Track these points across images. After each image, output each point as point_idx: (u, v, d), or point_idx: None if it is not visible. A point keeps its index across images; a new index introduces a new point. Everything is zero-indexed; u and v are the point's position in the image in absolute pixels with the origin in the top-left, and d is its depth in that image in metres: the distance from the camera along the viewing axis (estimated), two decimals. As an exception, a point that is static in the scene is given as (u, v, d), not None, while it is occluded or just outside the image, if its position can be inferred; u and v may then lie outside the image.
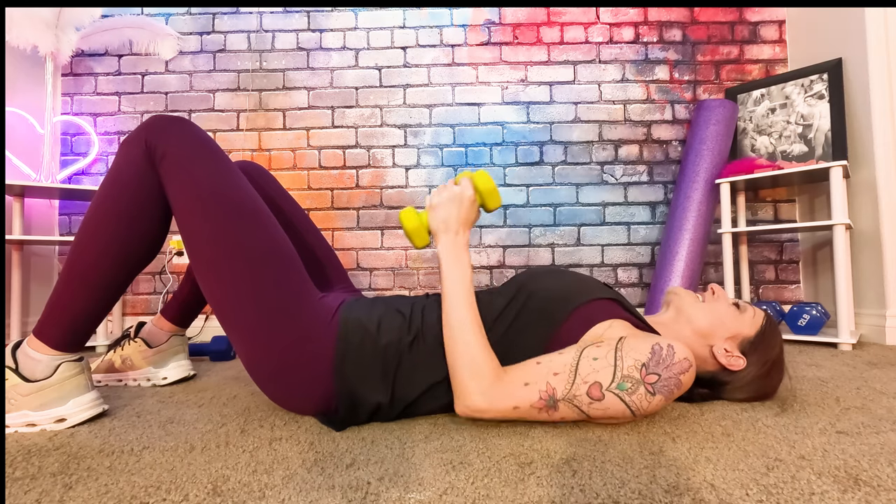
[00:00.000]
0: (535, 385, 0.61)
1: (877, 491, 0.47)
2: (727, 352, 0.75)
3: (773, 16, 1.90)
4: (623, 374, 0.60)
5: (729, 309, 0.77)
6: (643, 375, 0.60)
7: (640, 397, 0.60)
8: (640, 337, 0.64)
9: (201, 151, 0.69)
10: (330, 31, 1.93)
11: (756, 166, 1.58)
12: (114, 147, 1.90)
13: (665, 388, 0.61)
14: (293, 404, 0.71)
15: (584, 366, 0.61)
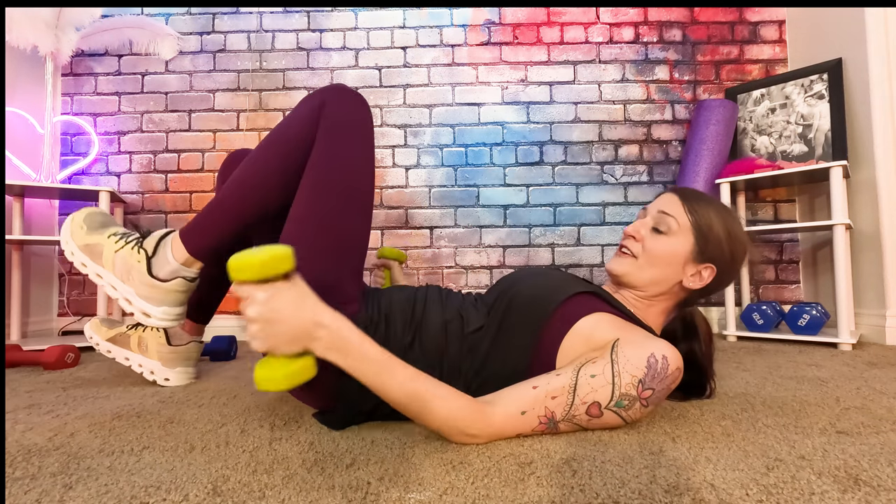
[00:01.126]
0: (533, 412, 0.60)
1: (877, 491, 0.47)
2: (694, 276, 0.73)
3: (773, 16, 1.90)
4: (621, 392, 0.60)
5: (658, 244, 0.73)
6: (640, 392, 0.60)
7: (635, 411, 0.62)
8: (634, 343, 0.62)
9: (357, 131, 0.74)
10: (330, 31, 1.93)
11: (756, 166, 1.58)
12: (114, 147, 1.90)
13: (658, 398, 0.62)
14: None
15: (583, 385, 0.60)
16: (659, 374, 0.61)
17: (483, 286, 1.86)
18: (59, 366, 1.21)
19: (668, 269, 0.73)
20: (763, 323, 1.55)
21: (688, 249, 0.72)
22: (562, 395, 0.60)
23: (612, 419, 0.62)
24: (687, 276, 0.73)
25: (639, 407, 0.61)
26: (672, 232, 0.72)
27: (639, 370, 0.60)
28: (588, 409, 0.60)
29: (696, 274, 0.73)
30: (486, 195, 1.88)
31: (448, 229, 1.88)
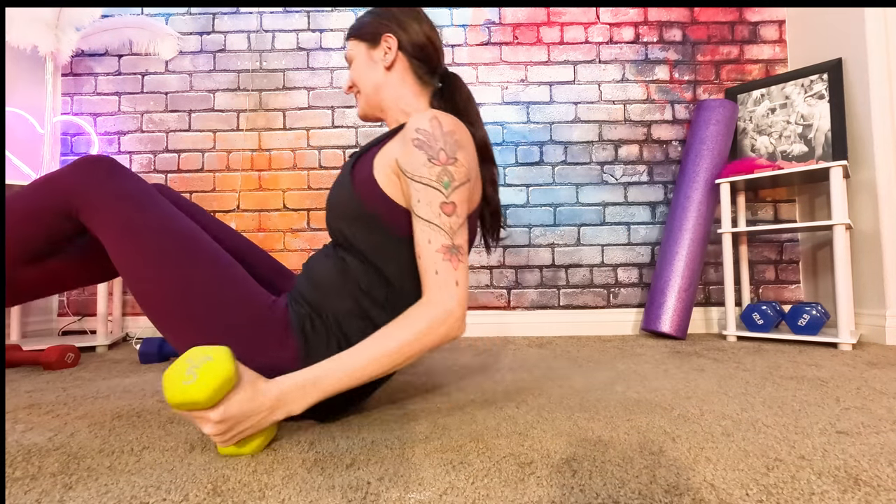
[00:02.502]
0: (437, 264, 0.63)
1: (877, 491, 0.47)
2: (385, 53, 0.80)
3: (773, 16, 1.90)
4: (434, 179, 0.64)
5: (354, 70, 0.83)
6: (439, 163, 0.64)
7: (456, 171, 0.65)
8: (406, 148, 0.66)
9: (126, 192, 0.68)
10: (330, 31, 1.93)
11: (756, 166, 1.58)
12: (114, 147, 1.90)
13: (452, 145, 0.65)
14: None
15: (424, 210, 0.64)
16: (429, 139, 0.65)
17: (483, 286, 1.86)
18: (59, 366, 1.21)
19: (368, 72, 0.81)
20: (763, 323, 1.55)
21: (363, 50, 0.82)
22: (427, 230, 0.64)
23: (460, 193, 0.65)
24: (380, 59, 0.80)
25: (453, 168, 0.65)
26: (352, 55, 0.83)
27: (420, 156, 0.65)
28: (444, 211, 0.64)
29: (383, 52, 0.80)
30: (486, 195, 1.88)
31: (448, 229, 1.87)
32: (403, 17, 0.81)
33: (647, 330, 1.65)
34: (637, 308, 1.84)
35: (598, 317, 1.82)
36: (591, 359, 1.25)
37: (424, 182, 0.64)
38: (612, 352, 1.36)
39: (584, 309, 1.84)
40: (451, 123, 0.68)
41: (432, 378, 1.04)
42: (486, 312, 1.84)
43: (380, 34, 0.80)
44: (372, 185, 0.70)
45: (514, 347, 1.48)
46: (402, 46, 0.80)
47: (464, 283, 0.64)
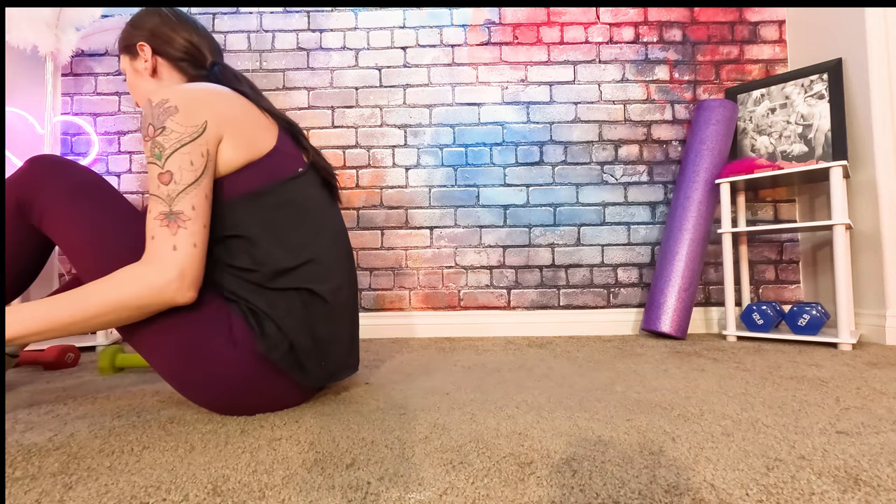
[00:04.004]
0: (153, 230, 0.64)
1: (877, 491, 0.47)
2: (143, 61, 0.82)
3: (773, 16, 1.90)
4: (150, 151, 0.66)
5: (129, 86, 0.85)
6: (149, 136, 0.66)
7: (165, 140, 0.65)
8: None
9: (75, 194, 0.70)
10: (330, 31, 1.93)
11: (756, 166, 1.58)
12: (114, 147, 1.90)
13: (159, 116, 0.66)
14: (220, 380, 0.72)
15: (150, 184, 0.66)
16: (143, 119, 0.67)
17: (483, 286, 1.86)
18: (59, 366, 1.21)
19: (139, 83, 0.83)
20: (763, 323, 1.55)
21: (127, 63, 0.84)
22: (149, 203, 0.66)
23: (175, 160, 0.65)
24: (143, 68, 0.82)
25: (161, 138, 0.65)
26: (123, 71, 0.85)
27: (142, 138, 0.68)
28: (161, 181, 0.65)
29: (140, 60, 0.82)
30: (486, 195, 1.88)
31: (448, 229, 1.88)
32: (148, 20, 0.82)
33: (647, 330, 1.65)
34: (637, 308, 1.84)
35: (598, 317, 1.82)
36: (591, 359, 1.25)
37: (147, 161, 0.67)
38: (612, 352, 1.37)
39: (584, 309, 1.84)
40: (162, 94, 0.68)
41: (432, 378, 1.04)
42: (486, 312, 1.84)
43: (134, 44, 0.82)
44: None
45: (514, 347, 1.48)
46: (157, 51, 0.82)
47: (184, 248, 0.64)
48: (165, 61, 0.82)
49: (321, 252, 0.77)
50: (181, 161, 0.65)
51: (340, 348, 0.81)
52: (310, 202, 0.77)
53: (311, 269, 0.75)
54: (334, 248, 0.80)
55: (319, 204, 0.80)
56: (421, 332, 1.83)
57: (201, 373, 0.69)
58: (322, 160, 0.84)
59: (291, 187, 0.75)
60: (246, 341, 0.70)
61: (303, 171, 0.78)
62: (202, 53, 0.85)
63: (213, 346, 0.68)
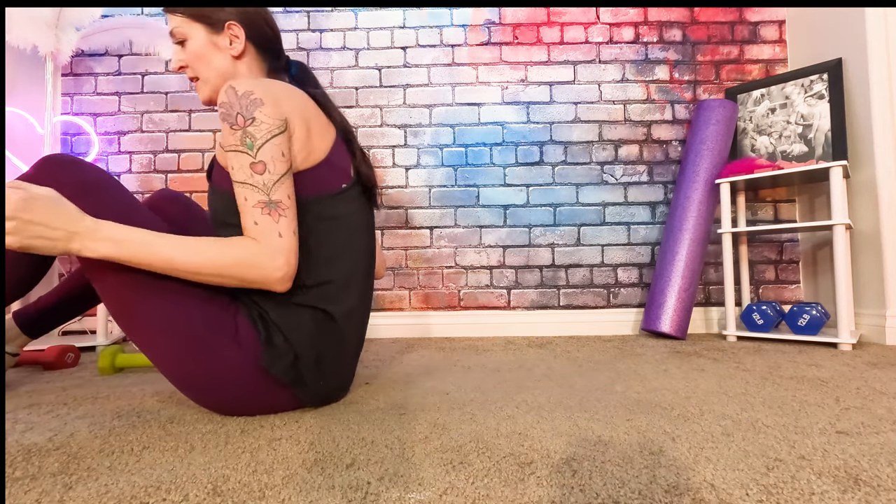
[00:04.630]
0: (256, 216, 0.65)
1: (877, 491, 0.47)
2: (231, 41, 0.79)
3: (773, 16, 1.90)
4: (236, 143, 0.66)
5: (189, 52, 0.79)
6: (236, 127, 0.66)
7: (255, 130, 0.65)
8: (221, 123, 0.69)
9: (84, 193, 0.69)
10: (330, 31, 1.93)
11: (756, 166, 1.58)
12: (114, 147, 1.90)
13: (247, 107, 0.66)
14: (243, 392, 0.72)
15: (239, 174, 0.66)
16: (226, 109, 0.66)
17: (483, 286, 1.86)
18: (59, 366, 1.21)
19: (214, 58, 0.79)
20: (763, 323, 1.55)
21: (203, 34, 0.78)
22: (245, 191, 0.66)
23: (267, 149, 0.65)
24: (225, 47, 0.79)
25: (252, 128, 0.65)
26: (185, 34, 0.78)
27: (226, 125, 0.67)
28: (255, 171, 0.65)
29: (231, 39, 0.79)
30: (486, 195, 1.88)
31: (448, 229, 1.88)
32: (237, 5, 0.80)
33: (647, 330, 1.65)
34: (637, 308, 1.84)
35: (598, 317, 1.82)
36: (591, 359, 1.25)
37: (232, 149, 0.66)
38: (612, 352, 1.37)
39: (584, 309, 1.84)
40: (246, 85, 0.67)
41: (432, 378, 1.04)
42: (486, 312, 1.84)
43: (221, 20, 0.78)
44: (225, 174, 0.73)
45: (514, 347, 1.48)
46: (249, 36, 0.80)
47: (288, 236, 0.66)
48: (253, 47, 0.81)
49: (343, 272, 0.77)
50: (273, 152, 0.66)
51: (342, 370, 0.81)
52: (346, 219, 0.77)
53: (329, 289, 0.75)
54: (357, 269, 0.79)
55: (355, 221, 0.79)
56: (421, 332, 1.83)
57: (203, 370, 0.69)
58: (368, 168, 0.83)
59: (333, 203, 0.75)
60: (250, 344, 0.70)
61: (347, 186, 0.77)
62: (281, 45, 0.85)
63: (216, 345, 0.68)
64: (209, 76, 0.80)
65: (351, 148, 0.81)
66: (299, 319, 0.73)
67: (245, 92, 0.67)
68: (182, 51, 0.79)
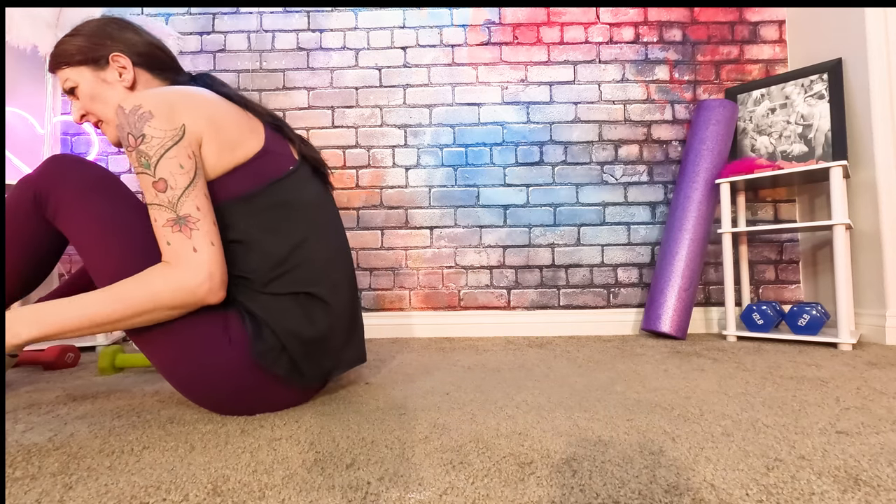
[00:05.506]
0: (166, 237, 0.65)
1: (877, 491, 0.47)
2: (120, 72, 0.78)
3: (773, 16, 1.90)
4: (138, 166, 0.65)
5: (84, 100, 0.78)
6: (130, 145, 0.65)
7: (148, 146, 0.64)
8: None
9: (89, 191, 0.71)
10: (330, 31, 1.93)
11: (756, 166, 1.58)
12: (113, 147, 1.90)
13: (134, 123, 0.64)
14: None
15: (145, 193, 0.65)
16: (121, 124, 0.65)
17: (483, 286, 1.86)
18: (59, 365, 1.21)
19: (108, 95, 0.78)
20: (763, 323, 1.55)
21: (89, 74, 0.78)
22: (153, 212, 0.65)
23: (165, 165, 0.64)
24: (116, 80, 0.78)
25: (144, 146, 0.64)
26: (75, 83, 0.78)
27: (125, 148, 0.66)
28: (157, 189, 0.64)
29: (117, 71, 0.78)
30: (486, 195, 1.88)
31: (448, 229, 1.88)
32: (117, 33, 0.79)
33: (647, 330, 1.65)
34: (637, 308, 1.84)
35: (598, 317, 1.82)
36: (591, 359, 1.25)
37: (135, 171, 0.66)
38: (612, 352, 1.37)
39: (584, 309, 1.84)
40: (133, 100, 0.66)
41: (432, 378, 1.04)
42: (486, 312, 1.84)
43: (105, 55, 0.77)
44: None
45: (514, 347, 1.48)
46: (137, 62, 0.79)
47: (204, 248, 0.65)
48: (146, 72, 0.80)
49: (316, 252, 0.76)
50: (170, 166, 0.64)
51: (338, 344, 0.81)
52: (302, 200, 0.77)
53: (307, 271, 0.75)
54: (329, 246, 0.79)
55: (313, 199, 0.79)
56: (421, 332, 1.83)
57: (197, 370, 0.69)
58: (311, 150, 0.83)
59: (284, 187, 0.74)
60: (241, 340, 0.70)
61: (294, 168, 0.77)
62: (177, 63, 0.84)
63: (210, 345, 0.69)
64: (109, 115, 0.79)
65: (286, 134, 0.81)
66: (284, 308, 0.72)
67: (133, 108, 0.65)
68: (77, 101, 0.79)
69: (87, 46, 0.77)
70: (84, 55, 0.77)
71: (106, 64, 0.78)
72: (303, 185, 0.78)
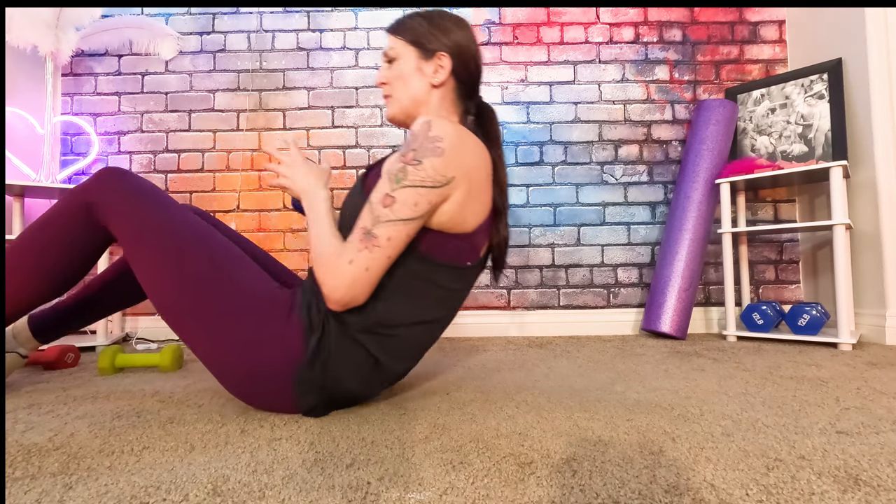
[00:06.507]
0: (353, 237, 0.68)
1: (877, 491, 0.47)
2: (435, 71, 0.79)
3: (773, 16, 1.90)
4: (393, 173, 0.67)
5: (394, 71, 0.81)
6: (404, 160, 0.67)
7: (414, 173, 0.66)
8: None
9: (139, 197, 0.77)
10: (330, 31, 1.93)
11: (756, 166, 1.58)
12: (114, 147, 1.90)
13: (425, 150, 0.67)
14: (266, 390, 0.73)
15: (373, 196, 0.69)
16: (410, 140, 0.69)
17: (483, 286, 1.86)
18: (59, 366, 1.21)
19: (413, 81, 0.80)
20: (763, 323, 1.55)
21: (413, 57, 0.80)
22: (365, 212, 0.69)
23: (407, 194, 0.66)
24: (429, 74, 0.80)
25: (413, 169, 0.66)
26: (397, 55, 0.81)
27: (397, 153, 0.69)
28: (383, 203, 0.67)
29: (436, 69, 0.79)
30: (486, 195, 1.88)
31: (448, 229, 1.87)
32: (459, 34, 0.80)
33: (647, 330, 1.65)
34: (637, 308, 1.84)
35: (598, 317, 1.82)
36: (591, 359, 1.25)
37: (386, 173, 0.69)
38: (612, 352, 1.37)
39: (584, 309, 1.84)
40: (439, 129, 0.68)
41: (432, 378, 1.04)
42: (486, 312, 1.84)
43: (435, 50, 0.79)
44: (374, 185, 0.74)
45: (514, 347, 1.48)
46: (455, 70, 0.80)
47: (357, 268, 0.67)
48: (454, 80, 0.81)
49: (424, 336, 0.77)
50: (410, 197, 0.66)
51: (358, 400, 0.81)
52: (454, 291, 0.78)
53: (401, 345, 0.75)
54: (435, 336, 0.80)
55: (460, 292, 0.80)
56: (421, 332, 1.83)
57: (231, 348, 0.71)
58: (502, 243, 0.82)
59: (452, 275, 0.76)
60: (292, 349, 0.70)
61: (471, 265, 0.78)
62: (479, 85, 0.85)
63: (260, 333, 0.70)
64: (402, 97, 0.81)
65: (497, 223, 0.81)
66: (352, 355, 0.73)
67: (434, 136, 0.67)
68: (388, 68, 0.82)
69: (425, 32, 0.80)
70: (418, 38, 0.80)
71: (431, 56, 0.79)
72: (464, 280, 0.79)
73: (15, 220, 1.66)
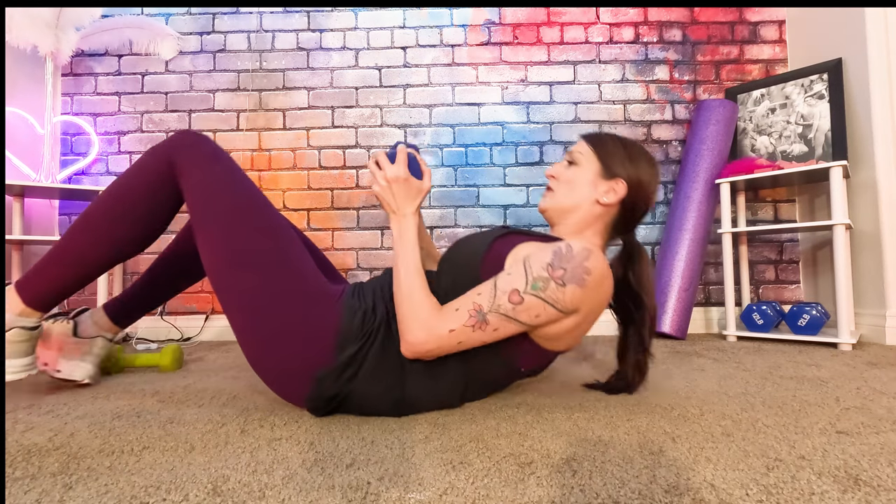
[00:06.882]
0: (464, 307, 0.68)
1: (877, 491, 0.47)
2: (607, 192, 0.79)
3: (773, 16, 1.90)
4: (534, 276, 0.67)
5: (569, 172, 0.82)
6: (551, 273, 0.66)
7: (553, 291, 0.66)
8: (544, 247, 0.70)
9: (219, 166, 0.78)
10: (330, 31, 1.93)
11: (756, 166, 1.58)
12: (114, 147, 1.90)
13: (574, 276, 0.67)
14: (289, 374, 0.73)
15: (502, 281, 0.68)
16: (566, 256, 0.68)
17: (483, 286, 1.86)
18: (59, 366, 1.20)
19: (582, 190, 0.80)
20: (763, 323, 1.55)
21: (594, 169, 0.81)
22: (486, 290, 0.68)
23: (535, 304, 0.66)
24: (600, 192, 0.80)
25: (555, 286, 0.66)
26: (580, 161, 0.82)
27: (547, 257, 0.68)
28: (510, 297, 0.66)
29: (608, 190, 0.79)
30: (486, 195, 1.88)
31: (448, 229, 1.88)
32: (645, 172, 0.80)
33: (647, 330, 1.65)
34: (637, 308, 1.83)
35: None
36: (592, 358, 1.25)
37: (524, 268, 0.67)
38: (613, 352, 1.36)
39: (584, 309, 1.84)
40: (595, 263, 0.68)
41: (432, 378, 1.04)
42: (486, 312, 1.83)
43: (616, 174, 0.79)
44: (499, 263, 0.73)
45: (514, 347, 1.48)
46: (624, 200, 0.80)
47: (452, 336, 0.67)
48: (618, 211, 0.81)
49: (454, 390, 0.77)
50: (536, 307, 0.67)
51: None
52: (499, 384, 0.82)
53: (429, 385, 0.75)
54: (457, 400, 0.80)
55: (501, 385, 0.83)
56: (421, 332, 1.83)
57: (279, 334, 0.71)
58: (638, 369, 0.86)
59: (511, 374, 0.79)
60: (323, 347, 0.70)
61: (537, 367, 0.81)
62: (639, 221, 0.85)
63: (306, 321, 0.71)
64: (563, 199, 0.81)
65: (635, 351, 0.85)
66: (386, 377, 0.72)
67: (588, 267, 0.67)
68: (566, 167, 0.83)
69: (616, 154, 0.80)
70: (607, 156, 0.81)
71: (610, 178, 0.79)
72: (515, 379, 0.82)
73: (15, 220, 1.66)
